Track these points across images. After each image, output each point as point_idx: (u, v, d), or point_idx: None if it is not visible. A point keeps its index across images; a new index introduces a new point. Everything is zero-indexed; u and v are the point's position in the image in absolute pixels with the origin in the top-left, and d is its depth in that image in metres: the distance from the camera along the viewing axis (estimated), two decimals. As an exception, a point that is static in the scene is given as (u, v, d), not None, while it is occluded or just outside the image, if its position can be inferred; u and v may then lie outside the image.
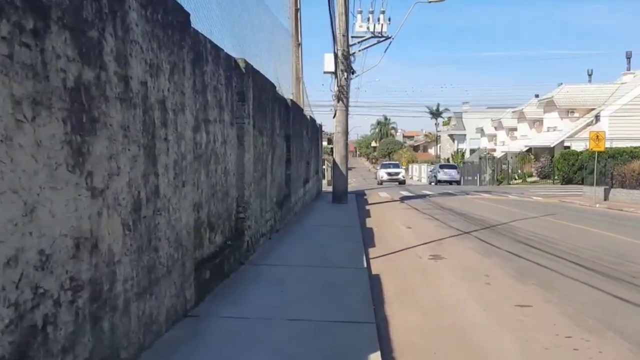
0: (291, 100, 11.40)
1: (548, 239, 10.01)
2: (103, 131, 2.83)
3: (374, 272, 6.77)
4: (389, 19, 17.23)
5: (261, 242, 7.67)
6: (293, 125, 11.73)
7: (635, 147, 31.21)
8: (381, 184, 39.29)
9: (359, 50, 17.77)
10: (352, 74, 17.83)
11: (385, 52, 18.01)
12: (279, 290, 5.12)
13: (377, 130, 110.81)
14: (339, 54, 16.83)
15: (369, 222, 12.55)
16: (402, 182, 40.09)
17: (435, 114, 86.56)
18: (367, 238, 9.60)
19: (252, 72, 6.94)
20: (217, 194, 5.58)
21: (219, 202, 5.63)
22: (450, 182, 38.40)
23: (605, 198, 20.69)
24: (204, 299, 4.62)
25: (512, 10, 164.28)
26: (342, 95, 17.26)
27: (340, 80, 17.09)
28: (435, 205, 18.10)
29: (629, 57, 39.45)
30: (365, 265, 6.57)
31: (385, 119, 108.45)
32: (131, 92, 3.18)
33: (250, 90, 6.82)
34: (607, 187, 21.02)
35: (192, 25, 4.40)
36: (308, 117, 16.48)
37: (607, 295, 5.91)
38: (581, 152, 32.99)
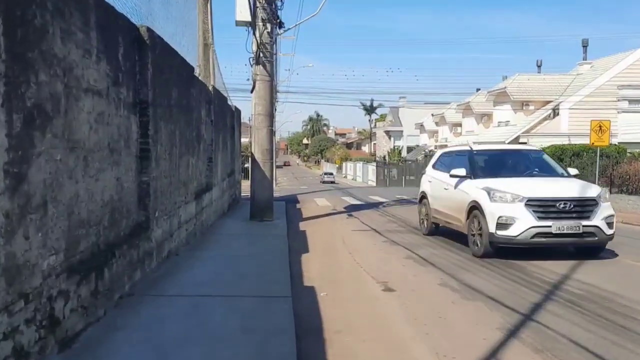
0: (148, 29, 5.42)
1: None
2: None
3: None
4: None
5: None
6: (161, 85, 5.79)
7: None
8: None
9: (290, -8, 11.94)
10: (279, 27, 11.96)
11: (328, -4, 12.16)
12: None
13: (308, 126, 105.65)
14: (259, -7, 10.94)
15: (309, 273, 6.75)
16: None
17: (370, 110, 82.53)
18: None
19: None
20: None
21: None
22: None
23: (602, 206, 16.06)
24: None
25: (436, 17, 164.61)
26: (264, 59, 11.34)
27: (261, 34, 11.18)
28: (401, 222, 12.55)
29: (585, 46, 35.81)
30: None
31: (318, 115, 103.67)
32: None
33: None
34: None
35: None
36: (210, 88, 10.44)
37: None
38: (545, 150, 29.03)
